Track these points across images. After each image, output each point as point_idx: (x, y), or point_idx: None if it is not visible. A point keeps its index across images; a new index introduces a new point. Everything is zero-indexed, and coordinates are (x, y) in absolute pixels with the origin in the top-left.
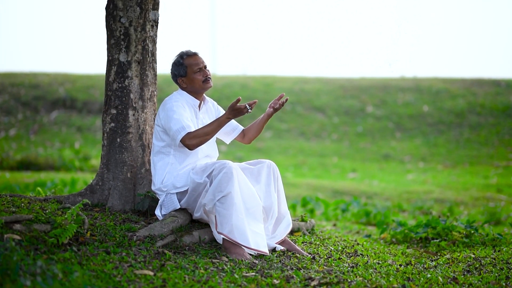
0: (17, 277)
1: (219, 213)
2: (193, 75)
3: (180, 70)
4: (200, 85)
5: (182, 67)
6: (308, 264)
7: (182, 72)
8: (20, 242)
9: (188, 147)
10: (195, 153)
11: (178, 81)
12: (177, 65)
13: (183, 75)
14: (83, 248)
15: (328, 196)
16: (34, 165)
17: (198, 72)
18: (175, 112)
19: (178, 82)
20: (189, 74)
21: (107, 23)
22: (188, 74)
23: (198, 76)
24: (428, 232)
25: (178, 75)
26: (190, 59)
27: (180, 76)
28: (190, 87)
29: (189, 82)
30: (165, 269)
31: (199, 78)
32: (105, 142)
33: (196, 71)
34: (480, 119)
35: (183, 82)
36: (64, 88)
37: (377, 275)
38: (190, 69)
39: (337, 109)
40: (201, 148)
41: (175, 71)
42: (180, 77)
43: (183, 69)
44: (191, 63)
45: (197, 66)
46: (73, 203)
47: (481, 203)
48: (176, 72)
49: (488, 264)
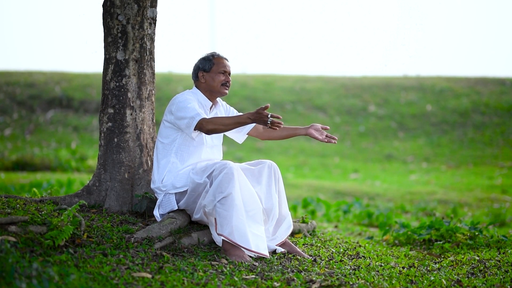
0: (13, 279)
1: (219, 214)
2: (216, 73)
3: (206, 65)
4: (218, 85)
5: (210, 62)
6: (309, 266)
7: (207, 67)
8: (15, 244)
9: (202, 129)
10: (198, 154)
11: (198, 74)
12: (206, 59)
13: (206, 70)
14: (79, 250)
15: (329, 197)
16: (30, 165)
17: (222, 73)
18: (189, 102)
19: (198, 76)
20: (212, 71)
21: (104, 21)
22: (212, 70)
23: (220, 76)
24: (432, 234)
25: (202, 68)
26: (219, 59)
27: (203, 70)
28: (208, 84)
29: (209, 79)
30: (163, 272)
31: (220, 79)
32: (102, 142)
33: (220, 71)
34: (484, 118)
35: (203, 77)
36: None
37: (380, 277)
38: (216, 67)
39: (339, 109)
40: (206, 150)
41: (200, 64)
42: (202, 71)
43: (210, 64)
44: (219, 62)
45: (224, 68)
46: (70, 204)
47: (486, 204)
48: (200, 66)
49: (493, 266)
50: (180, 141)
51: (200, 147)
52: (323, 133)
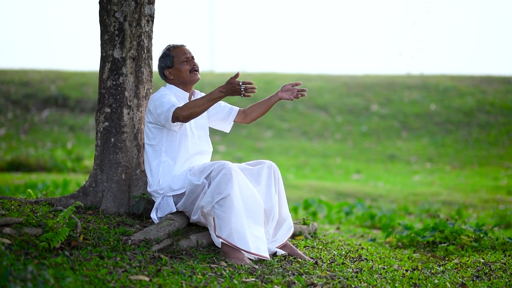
0: (7, 282)
1: (217, 216)
2: (180, 65)
3: (166, 61)
4: (187, 75)
5: (169, 58)
6: (311, 269)
7: (169, 63)
8: (10, 246)
9: (179, 118)
10: (185, 147)
11: (165, 73)
12: (164, 56)
13: (170, 66)
14: (75, 253)
15: (331, 198)
16: (25, 166)
17: (185, 62)
18: (164, 97)
19: (165, 75)
20: (175, 64)
21: (101, 18)
22: (174, 64)
23: (185, 66)
24: (436, 236)
25: (165, 66)
26: (176, 50)
27: (167, 67)
28: (178, 78)
29: (176, 73)
30: (161, 275)
31: (186, 68)
32: (99, 142)
33: (183, 60)
34: (489, 118)
35: (170, 73)
36: (56, 85)
37: (382, 280)
38: (177, 59)
39: (341, 108)
40: (193, 141)
41: (161, 64)
42: (167, 68)
43: (170, 59)
44: (177, 53)
45: (184, 56)
46: (65, 205)
47: (491, 205)
48: (163, 64)
49: (498, 269)
50: (166, 138)
51: (185, 139)
52: (294, 91)
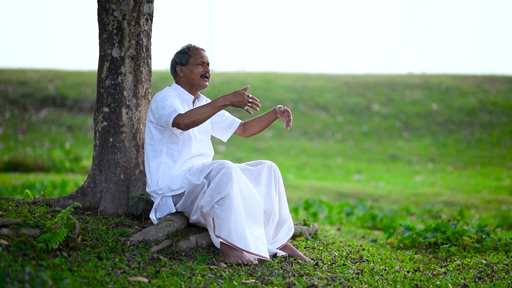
0: (5, 284)
1: (217, 216)
2: (194, 65)
3: (182, 58)
4: (197, 78)
5: (186, 55)
6: (311, 270)
7: (184, 60)
8: (7, 247)
9: (180, 125)
10: (188, 150)
11: (176, 69)
12: (181, 53)
13: (183, 63)
14: (73, 254)
15: (332, 199)
16: (23, 166)
17: (199, 64)
18: (167, 99)
19: (176, 71)
20: (190, 64)
21: (99, 17)
22: (189, 63)
23: (198, 68)
24: (437, 237)
25: (179, 62)
26: (195, 51)
27: (180, 63)
28: (187, 78)
29: (187, 72)
30: (160, 276)
31: (199, 71)
32: (97, 142)
33: (198, 62)
34: (492, 117)
35: (181, 71)
36: (54, 85)
37: (384, 282)
38: (193, 59)
39: (342, 107)
40: (196, 145)
41: (176, 58)
42: (180, 64)
43: (186, 57)
44: (195, 54)
45: (201, 59)
46: (64, 206)
47: (493, 206)
48: (177, 60)
49: (501, 270)
50: (168, 140)
51: (189, 142)
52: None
